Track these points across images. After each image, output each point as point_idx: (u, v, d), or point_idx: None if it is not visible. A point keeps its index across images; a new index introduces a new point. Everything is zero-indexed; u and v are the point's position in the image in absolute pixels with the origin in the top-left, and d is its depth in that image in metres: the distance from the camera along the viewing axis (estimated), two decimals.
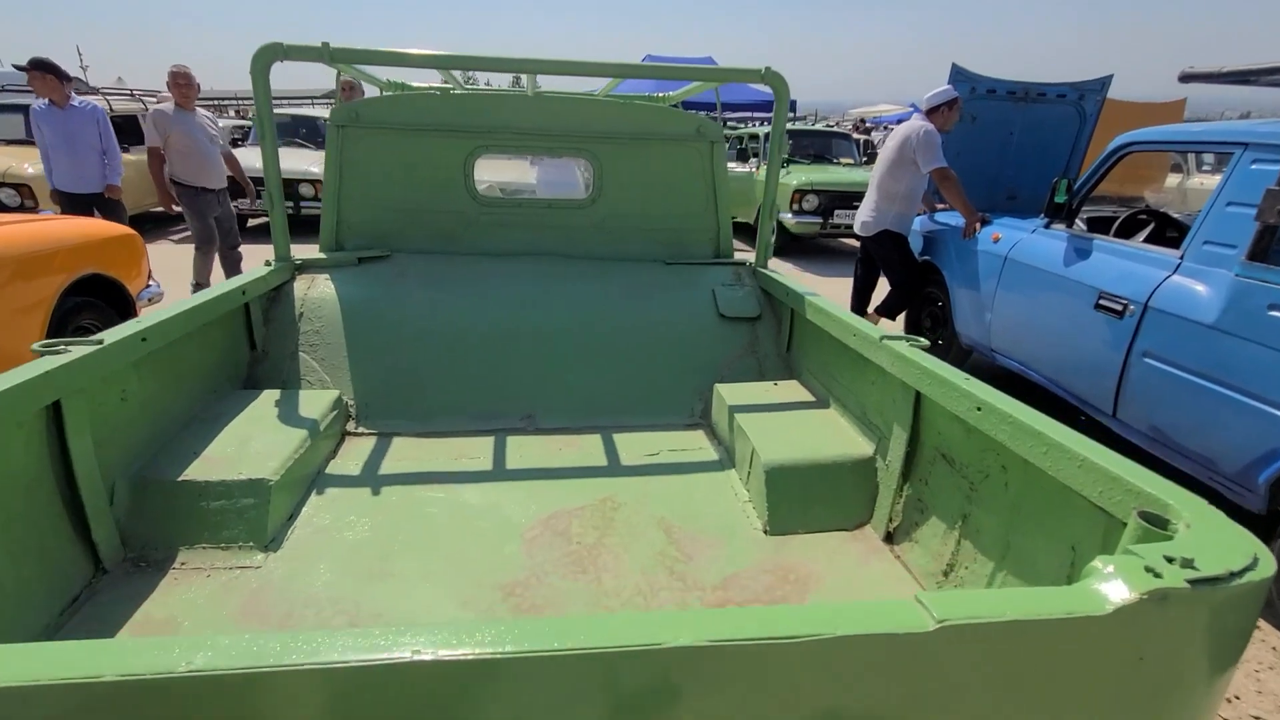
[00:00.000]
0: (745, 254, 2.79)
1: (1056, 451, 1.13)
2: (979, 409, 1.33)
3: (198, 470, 1.59)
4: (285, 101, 16.37)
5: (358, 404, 2.16)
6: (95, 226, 3.47)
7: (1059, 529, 1.21)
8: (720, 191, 2.73)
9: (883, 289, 4.69)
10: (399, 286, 2.37)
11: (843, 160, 9.36)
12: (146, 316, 1.63)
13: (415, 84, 3.37)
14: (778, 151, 2.59)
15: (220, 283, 2.01)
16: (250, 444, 1.72)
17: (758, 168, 8.98)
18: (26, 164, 5.86)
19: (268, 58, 2.14)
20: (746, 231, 9.64)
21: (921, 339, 1.69)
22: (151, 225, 8.50)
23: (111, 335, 1.48)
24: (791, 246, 8.47)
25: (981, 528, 1.42)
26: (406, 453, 2.00)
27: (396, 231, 2.55)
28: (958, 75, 4.38)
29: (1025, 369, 3.50)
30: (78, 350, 1.38)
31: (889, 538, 1.71)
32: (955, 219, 4.25)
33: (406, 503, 1.76)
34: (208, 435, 1.73)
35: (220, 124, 5.19)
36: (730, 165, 9.59)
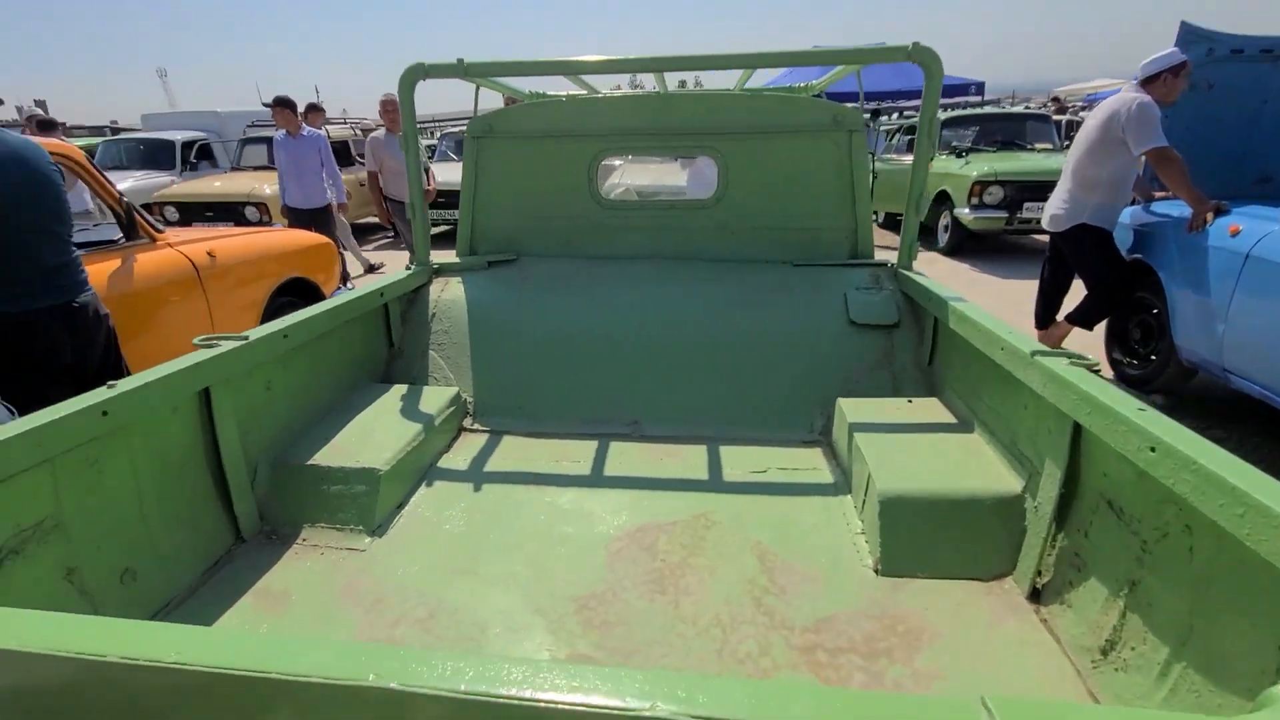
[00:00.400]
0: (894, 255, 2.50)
1: (1258, 516, 0.83)
2: (1153, 449, 1.03)
3: (324, 456, 1.74)
4: (464, 119, 18.16)
5: (475, 401, 2.26)
6: (298, 237, 4.05)
7: (1265, 619, 0.89)
8: (859, 185, 2.47)
9: (1076, 294, 4.00)
10: (521, 289, 2.45)
11: (1038, 146, 8.20)
12: (290, 315, 1.83)
13: (553, 93, 3.49)
14: (926, 138, 2.28)
15: (362, 286, 2.21)
16: (373, 435, 1.85)
17: (931, 159, 8.17)
18: (265, 185, 7.08)
19: (413, 77, 2.31)
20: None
21: (1088, 356, 1.36)
22: (356, 235, 9.82)
23: (257, 333, 1.67)
24: (969, 245, 7.59)
25: (1155, 601, 1.10)
26: (513, 452, 2.05)
27: (525, 236, 2.64)
28: (1189, 35, 3.59)
29: (1272, 396, 2.76)
30: (226, 345, 1.57)
31: (1035, 595, 1.40)
32: (1177, 209, 3.49)
33: (504, 502, 1.79)
34: (340, 424, 1.90)
35: (422, 144, 5.95)
36: (903, 157, 8.85)
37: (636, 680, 0.59)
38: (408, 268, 2.47)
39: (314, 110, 6.55)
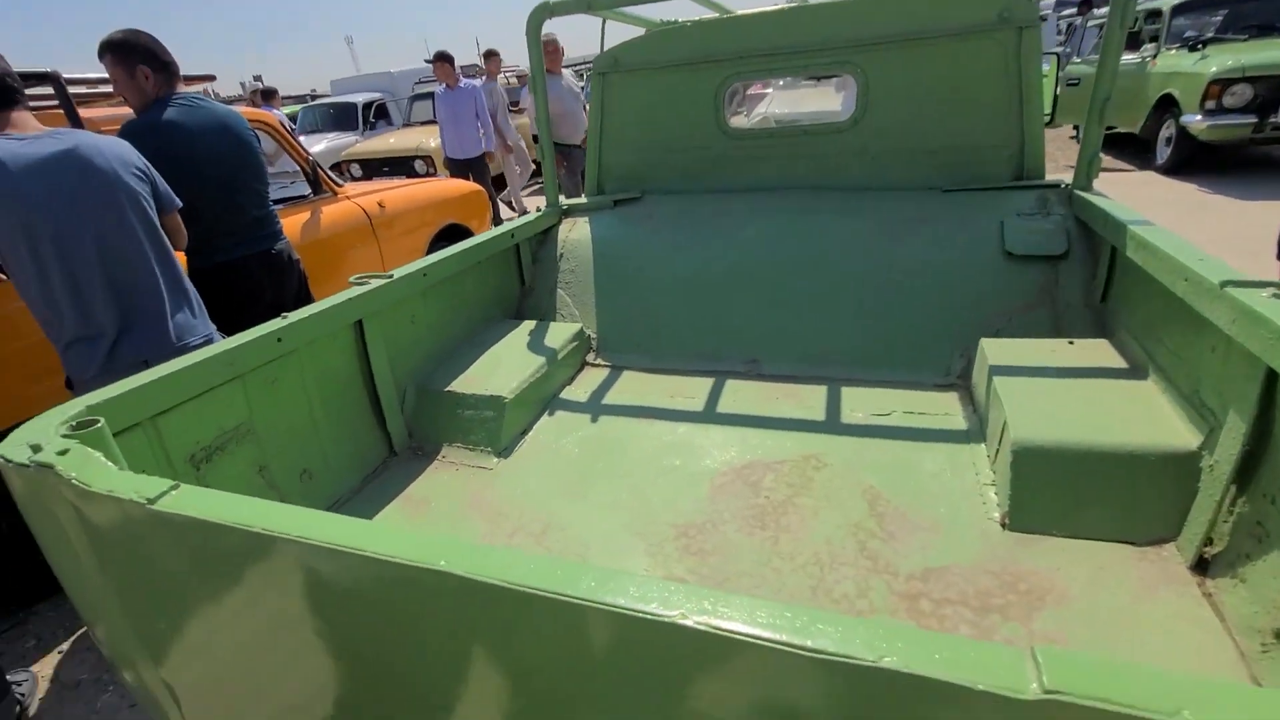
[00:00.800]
0: (1121, 174, 2.12)
1: None
2: None
3: (460, 384, 1.92)
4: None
5: (598, 337, 2.34)
6: (455, 186, 4.37)
7: None
8: (1030, 93, 2.12)
9: None
10: (644, 227, 2.45)
11: None
12: (431, 255, 2.01)
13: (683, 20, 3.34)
14: (1118, 28, 1.88)
15: (497, 227, 2.35)
16: (501, 366, 2.01)
17: (1155, 56, 6.76)
18: (430, 139, 7.65)
19: (540, 17, 2.34)
20: (1122, 144, 7.41)
21: None
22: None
23: (400, 271, 1.86)
24: (1199, 160, 6.24)
25: None
26: (631, 386, 2.11)
27: (650, 172, 2.62)
28: None
29: None
30: (376, 282, 1.77)
31: (1201, 566, 1.20)
32: None
33: (618, 433, 1.86)
34: (474, 355, 2.08)
35: (579, 85, 6.00)
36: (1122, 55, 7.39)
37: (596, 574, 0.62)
38: (537, 210, 2.58)
39: (491, 56, 6.72)
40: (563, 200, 2.64)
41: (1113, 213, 1.76)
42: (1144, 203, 5.61)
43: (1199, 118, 5.82)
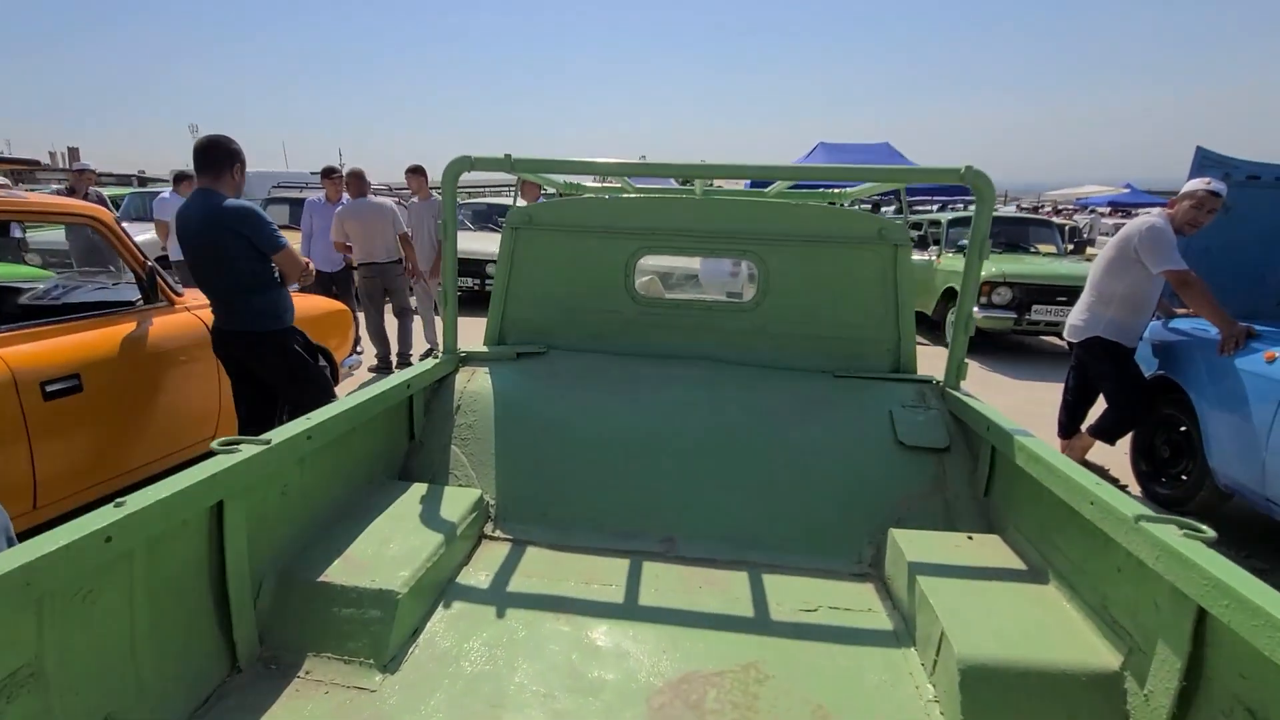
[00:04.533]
0: (922, 349, 2.43)
1: None
2: None
3: (335, 572, 1.57)
4: (487, 190, 18.88)
5: (497, 505, 2.10)
6: (316, 303, 3.97)
7: None
8: (903, 299, 2.42)
9: (1103, 403, 3.93)
10: (551, 385, 2.33)
11: (1041, 249, 8.41)
12: (316, 413, 1.70)
13: (589, 184, 3.51)
14: (978, 257, 2.24)
15: (389, 377, 2.09)
16: (389, 545, 1.69)
17: (938, 255, 8.34)
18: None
19: (458, 168, 2.28)
20: (922, 323, 8.90)
21: (1206, 529, 1.24)
22: None
23: (279, 435, 1.54)
24: (978, 343, 7.61)
25: None
26: (537, 568, 1.88)
27: (556, 328, 2.55)
28: (1204, 160, 3.68)
29: None
30: (247, 450, 1.43)
31: None
32: (1202, 327, 3.47)
33: (529, 634, 1.61)
34: (354, 531, 1.74)
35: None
36: None
37: None
38: (436, 360, 2.35)
39: (418, 174, 5.94)
40: (462, 348, 2.46)
41: (988, 415, 1.97)
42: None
43: (976, 309, 7.14)
